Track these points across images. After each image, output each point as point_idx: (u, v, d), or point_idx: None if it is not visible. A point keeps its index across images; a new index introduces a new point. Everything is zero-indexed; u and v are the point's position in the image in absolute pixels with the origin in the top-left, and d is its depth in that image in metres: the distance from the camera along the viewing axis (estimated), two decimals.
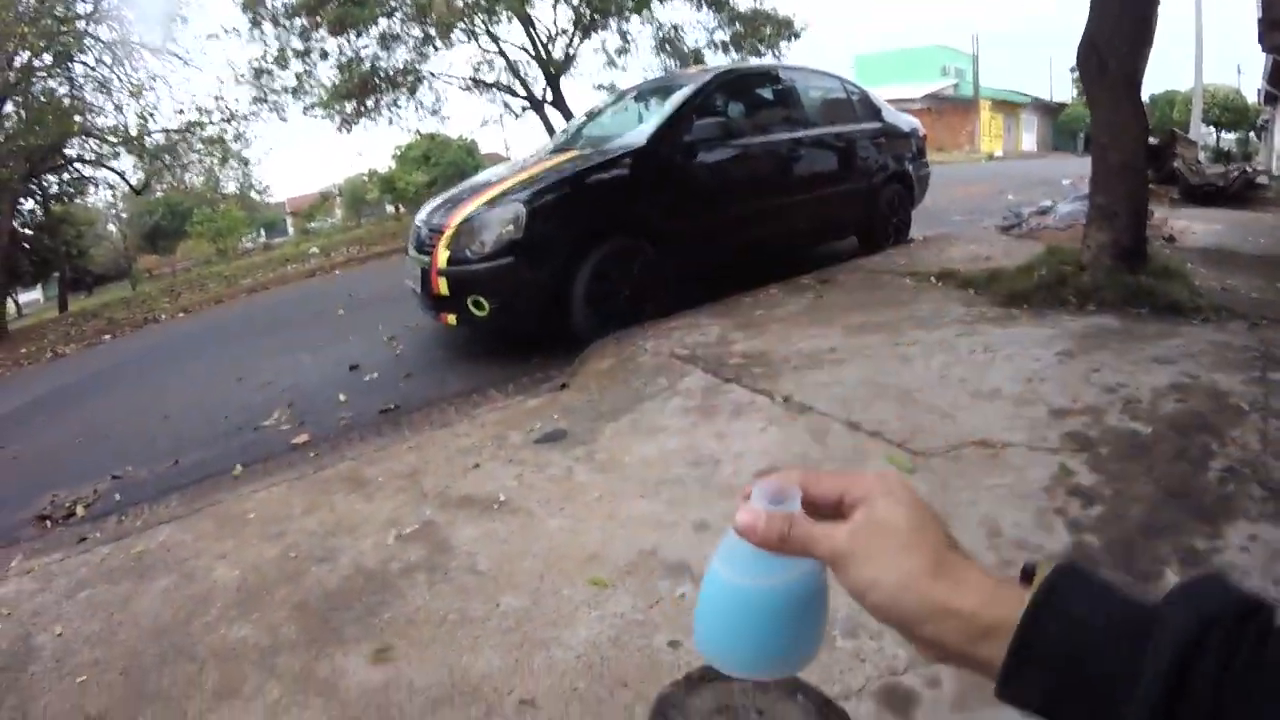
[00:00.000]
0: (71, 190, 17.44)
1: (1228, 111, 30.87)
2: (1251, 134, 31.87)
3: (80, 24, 13.91)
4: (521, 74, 16.36)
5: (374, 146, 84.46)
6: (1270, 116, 23.32)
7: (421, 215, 5.01)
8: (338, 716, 1.67)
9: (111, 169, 16.87)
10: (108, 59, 14.57)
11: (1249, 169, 10.30)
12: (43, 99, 13.81)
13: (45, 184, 16.32)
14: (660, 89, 5.87)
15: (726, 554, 0.48)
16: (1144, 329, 3.59)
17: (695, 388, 3.37)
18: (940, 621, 0.44)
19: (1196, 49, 19.68)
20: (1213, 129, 31.14)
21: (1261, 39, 13.27)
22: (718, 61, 15.35)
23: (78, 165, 16.44)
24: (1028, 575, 0.44)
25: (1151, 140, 6.92)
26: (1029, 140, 37.52)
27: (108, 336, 9.17)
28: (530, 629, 1.88)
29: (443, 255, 4.35)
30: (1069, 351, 3.34)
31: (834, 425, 2.83)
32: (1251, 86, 28.69)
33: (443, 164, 23.34)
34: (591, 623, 1.87)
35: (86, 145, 15.77)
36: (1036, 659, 0.40)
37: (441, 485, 2.77)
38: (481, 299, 4.24)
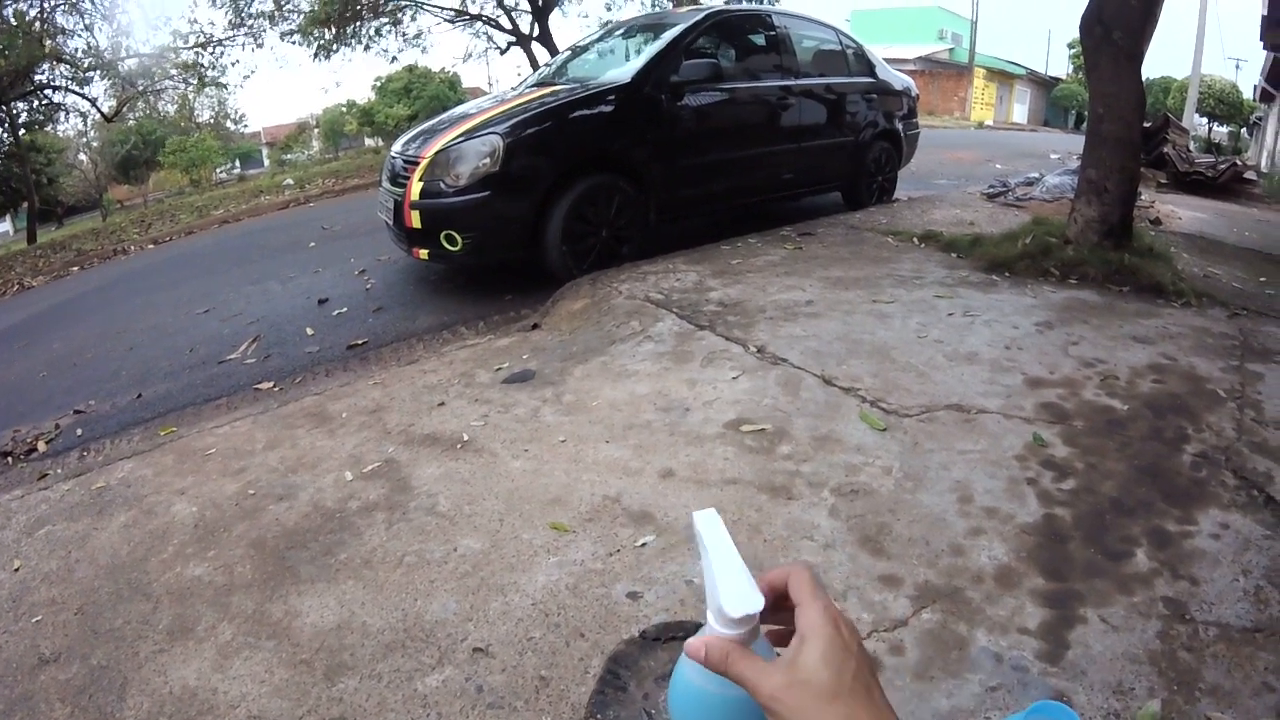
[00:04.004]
0: (41, 117, 16.63)
1: (1222, 104, 30.77)
2: (1244, 129, 31.74)
3: None
4: (508, 6, 15.77)
5: (352, 77, 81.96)
6: (1265, 114, 23.19)
7: (397, 146, 4.83)
8: (289, 658, 1.64)
9: (83, 95, 16.17)
10: None
11: (1239, 162, 10.24)
12: (12, 21, 13.09)
13: (14, 111, 15.45)
14: (649, 26, 5.65)
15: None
16: (1125, 307, 3.57)
17: (668, 333, 3.31)
18: None
19: (1198, 37, 19.43)
20: (1205, 120, 31.03)
21: (1263, 36, 13.17)
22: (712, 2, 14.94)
23: (48, 92, 15.74)
24: None
25: (1145, 123, 6.82)
26: (1020, 112, 37.15)
27: (76, 268, 8.92)
28: (488, 573, 1.84)
29: (416, 187, 4.20)
30: (1048, 322, 3.32)
31: (807, 378, 2.79)
32: (1248, 82, 28.72)
33: (424, 97, 22.61)
34: (550, 569, 1.83)
35: (57, 70, 15.09)
36: None
37: (405, 423, 2.70)
38: (455, 233, 4.11)
